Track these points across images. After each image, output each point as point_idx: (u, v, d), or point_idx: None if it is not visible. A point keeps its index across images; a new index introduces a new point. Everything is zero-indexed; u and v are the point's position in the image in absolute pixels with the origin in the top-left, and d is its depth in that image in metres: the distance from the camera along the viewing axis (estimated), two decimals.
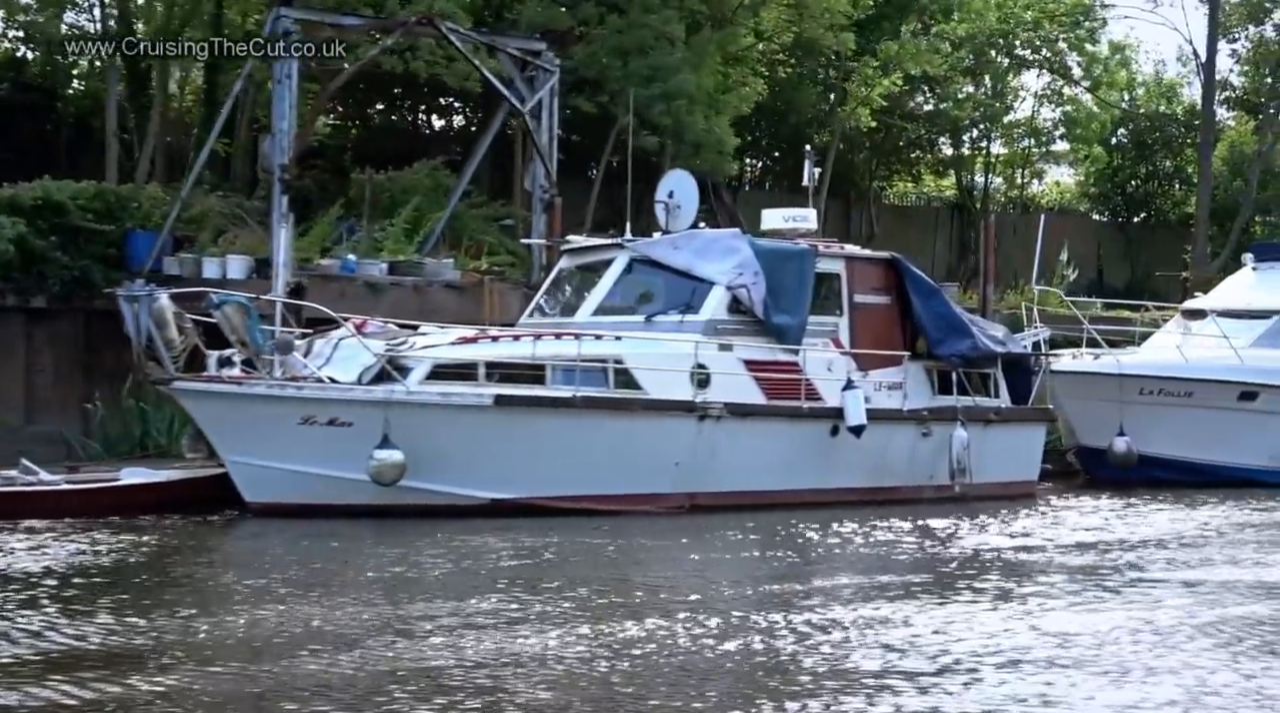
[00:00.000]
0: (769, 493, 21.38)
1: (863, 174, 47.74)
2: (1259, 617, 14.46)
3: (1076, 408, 27.20)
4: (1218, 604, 15.14)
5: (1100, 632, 13.33)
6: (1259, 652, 12.86)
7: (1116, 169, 52.47)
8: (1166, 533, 21.15)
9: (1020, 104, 51.74)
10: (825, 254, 22.64)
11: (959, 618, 13.86)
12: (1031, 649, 12.57)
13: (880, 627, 13.32)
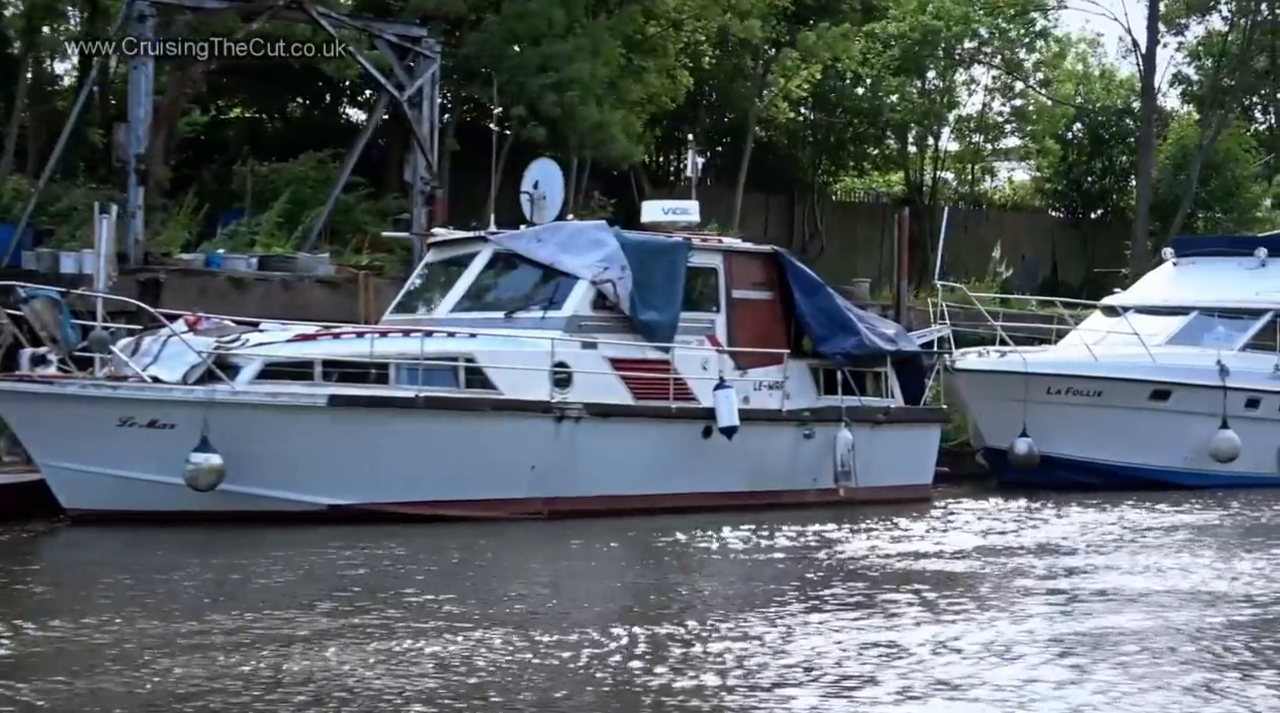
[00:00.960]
0: (636, 497, 20.38)
1: (806, 170, 46.89)
2: (1117, 629, 13.62)
3: (982, 408, 26.24)
4: (1081, 616, 14.30)
5: (937, 643, 12.61)
6: (1089, 665, 12.01)
7: (1072, 165, 51.53)
8: (1056, 539, 20.25)
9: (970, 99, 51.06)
10: (701, 248, 21.63)
11: (800, 630, 13.09)
12: (846, 664, 11.78)
13: (720, 641, 12.52)
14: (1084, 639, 13.05)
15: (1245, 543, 20.39)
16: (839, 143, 47.38)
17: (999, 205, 53.84)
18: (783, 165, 46.54)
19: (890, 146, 48.95)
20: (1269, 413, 27.66)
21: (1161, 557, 18.88)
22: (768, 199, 46.79)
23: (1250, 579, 16.96)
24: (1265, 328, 28.28)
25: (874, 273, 44.05)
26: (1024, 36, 47.41)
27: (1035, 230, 52.67)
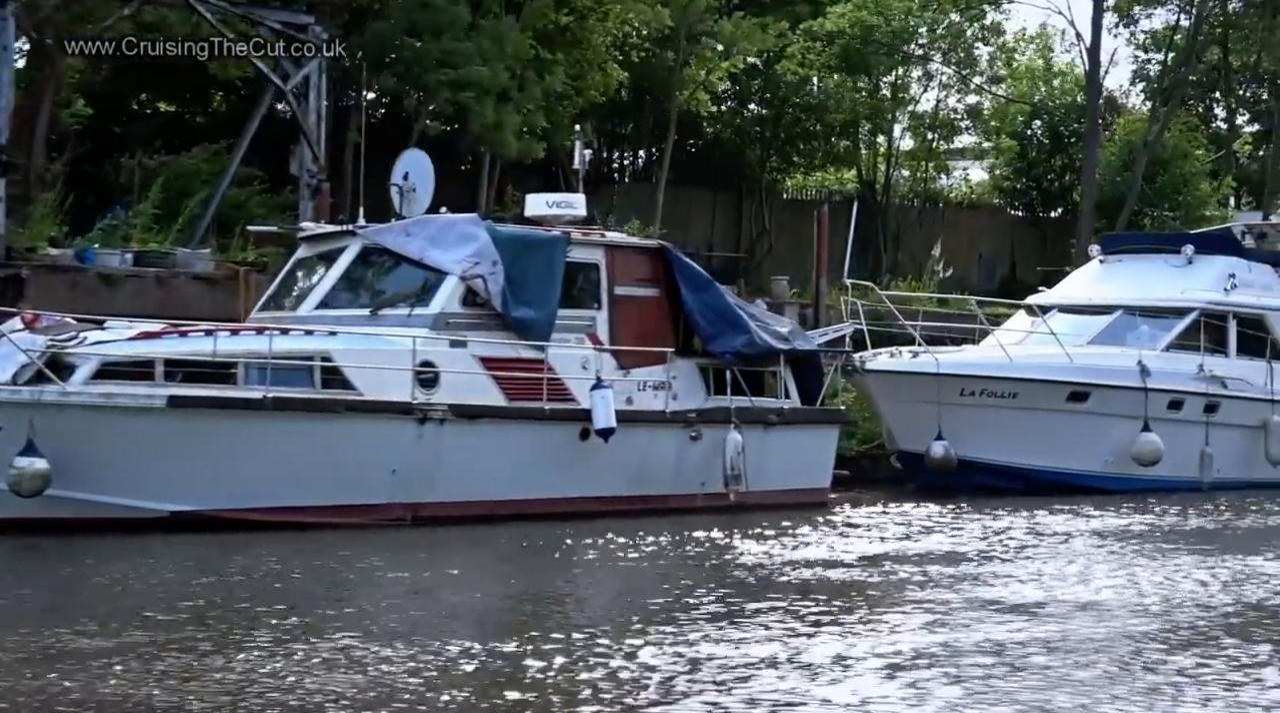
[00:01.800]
0: (509, 503, 19.52)
1: (754, 167, 46.09)
2: (990, 642, 12.80)
3: (894, 410, 25.41)
4: (957, 628, 13.53)
5: (782, 657, 11.91)
6: (932, 681, 11.26)
7: (1032, 163, 50.70)
8: (955, 545, 19.44)
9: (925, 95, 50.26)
10: (581, 242, 20.76)
11: (660, 641, 12.37)
12: (673, 681, 11.04)
13: (584, 654, 11.86)
14: (945, 653, 12.29)
15: (1155, 550, 19.57)
16: (788, 139, 46.62)
17: (955, 203, 53.03)
18: (730, 163, 45.82)
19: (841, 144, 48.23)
20: (1192, 415, 26.84)
21: (1064, 564, 18.05)
22: (715, 197, 46.08)
23: (1150, 588, 16.18)
24: (1190, 328, 27.47)
25: (825, 270, 43.28)
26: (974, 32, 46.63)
27: (993, 229, 51.90)
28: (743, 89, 43.62)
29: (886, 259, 41.92)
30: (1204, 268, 28.48)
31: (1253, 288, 28.68)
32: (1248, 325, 28.23)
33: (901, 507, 23.15)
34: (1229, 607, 15.08)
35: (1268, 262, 29.59)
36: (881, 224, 46.59)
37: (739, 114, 45.96)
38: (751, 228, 46.46)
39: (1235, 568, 17.89)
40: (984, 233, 51.22)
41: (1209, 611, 14.85)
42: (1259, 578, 17.27)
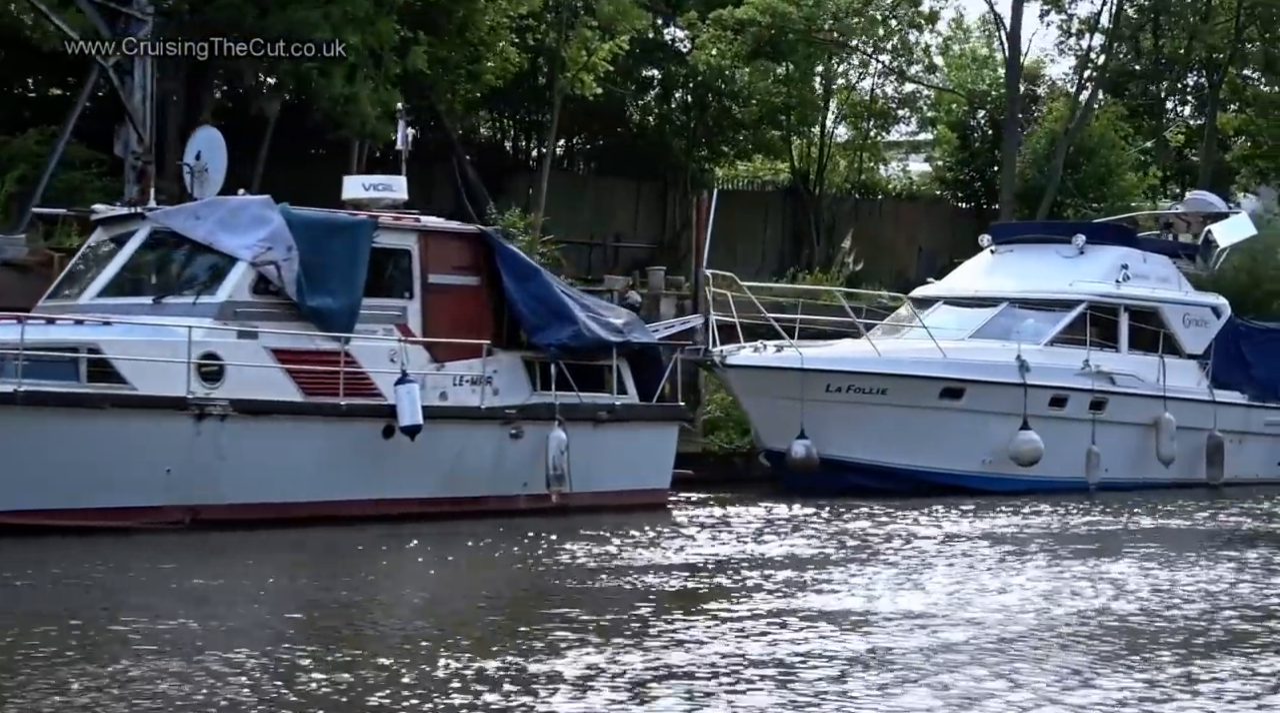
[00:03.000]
0: (303, 505, 18.26)
1: (679, 157, 44.78)
2: (774, 658, 11.67)
3: (757, 407, 24.20)
4: (737, 640, 12.39)
5: (543, 674, 10.83)
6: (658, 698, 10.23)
7: (975, 153, 49.39)
8: (793, 551, 18.23)
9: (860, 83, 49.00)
10: (390, 227, 19.48)
11: (431, 653, 11.44)
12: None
13: (364, 667, 10.94)
14: (710, 668, 11.22)
15: (1009, 555, 18.40)
16: (714, 129, 45.33)
17: (894, 195, 51.77)
18: (655, 153, 44.55)
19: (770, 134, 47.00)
20: (1077, 412, 25.61)
21: (902, 570, 16.90)
22: (639, 188, 44.79)
23: (987, 597, 15.07)
24: (1077, 321, 26.23)
25: (755, 261, 42.22)
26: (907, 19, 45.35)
27: (933, 221, 50.57)
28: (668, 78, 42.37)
29: (819, 252, 40.63)
30: (1095, 259, 27.27)
31: (1148, 280, 27.47)
32: (1141, 319, 27.02)
33: (748, 509, 21.96)
34: (1063, 615, 14.01)
35: (1165, 252, 28.40)
36: (815, 216, 45.34)
37: (665, 103, 44.71)
38: (676, 219, 45.16)
39: (1083, 572, 16.84)
40: (924, 225, 49.90)
41: (1038, 618, 13.84)
42: (1106, 583, 16.19)
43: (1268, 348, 28.75)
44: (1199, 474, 27.12)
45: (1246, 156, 44.61)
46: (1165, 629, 13.46)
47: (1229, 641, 12.96)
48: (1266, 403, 28.49)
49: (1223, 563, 18.00)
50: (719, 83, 41.76)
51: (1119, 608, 14.40)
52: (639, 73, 42.27)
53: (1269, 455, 28.57)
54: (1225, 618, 14.05)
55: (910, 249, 48.75)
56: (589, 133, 45.63)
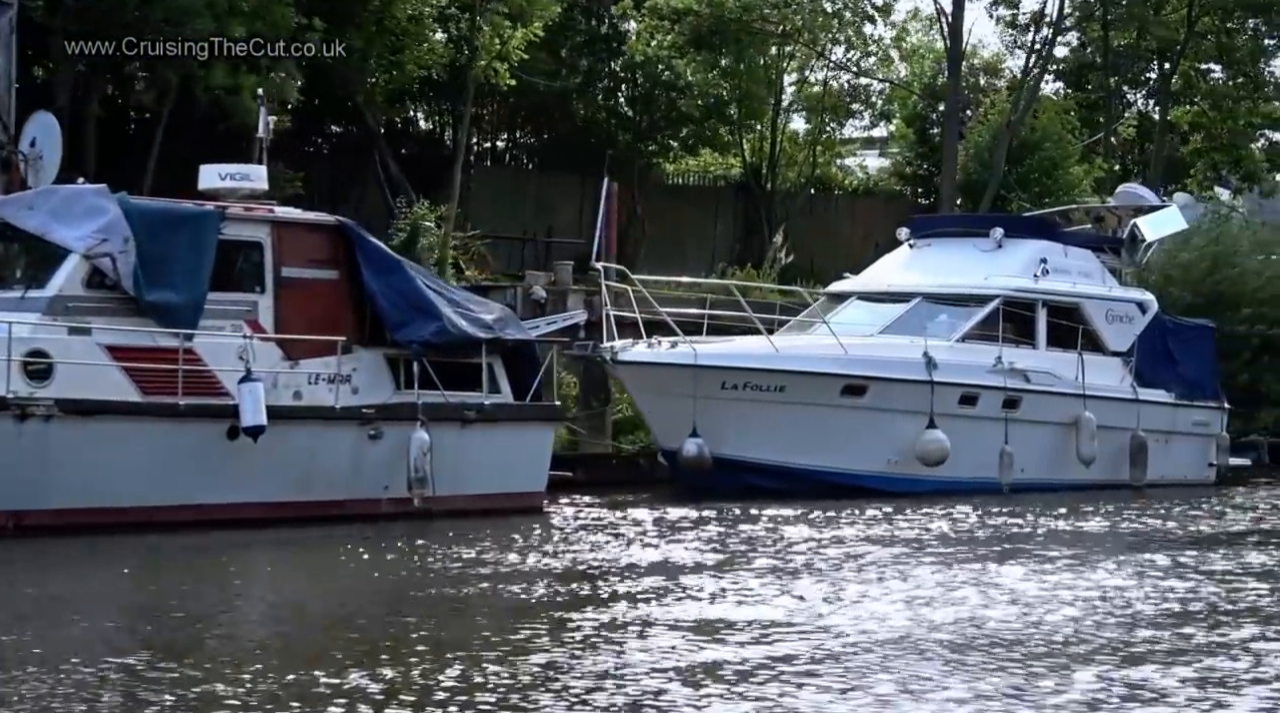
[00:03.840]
0: (137, 510, 17.39)
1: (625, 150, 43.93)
2: (593, 670, 11.01)
3: (651, 405, 23.38)
4: (587, 651, 11.69)
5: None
6: None
7: (934, 148, 48.46)
8: (663, 556, 17.43)
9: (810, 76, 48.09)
10: (239, 218, 18.58)
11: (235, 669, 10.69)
12: None
13: None
14: (553, 681, 10.55)
15: (902, 559, 17.61)
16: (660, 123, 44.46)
17: (851, 191, 50.91)
18: (600, 148, 43.67)
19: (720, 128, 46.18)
20: (989, 410, 24.75)
21: (776, 578, 15.98)
22: (583, 182, 43.89)
23: (864, 603, 14.36)
24: (991, 316, 25.35)
25: (706, 257, 41.40)
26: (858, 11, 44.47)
27: (891, 216, 49.27)
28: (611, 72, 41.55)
29: (771, 248, 39.75)
30: (1014, 253, 26.40)
31: (1069, 274, 26.61)
32: (1060, 315, 26.15)
33: (631, 512, 21.13)
34: (928, 623, 13.28)
35: (1089, 246, 27.52)
36: (767, 212, 44.50)
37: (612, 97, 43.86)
38: (622, 215, 44.27)
39: (967, 578, 16.06)
40: (881, 221, 48.81)
41: (899, 627, 13.08)
42: (987, 588, 15.42)
43: (1196, 345, 27.90)
44: (1122, 475, 26.28)
45: (1200, 150, 43.68)
46: (1029, 638, 12.73)
47: (1089, 651, 12.20)
48: (1194, 402, 27.61)
49: (1123, 567, 17.27)
50: (661, 74, 40.96)
51: (991, 615, 13.75)
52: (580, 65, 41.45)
53: (1197, 456, 27.72)
54: (1098, 627, 13.31)
55: (867, 245, 47.64)
56: (532, 128, 44.86)
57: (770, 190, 45.84)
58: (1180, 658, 11.99)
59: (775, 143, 47.13)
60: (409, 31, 32.05)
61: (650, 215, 43.16)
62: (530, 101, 42.86)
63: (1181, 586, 15.82)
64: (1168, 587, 15.75)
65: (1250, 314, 32.88)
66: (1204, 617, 14.04)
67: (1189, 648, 12.45)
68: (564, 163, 43.22)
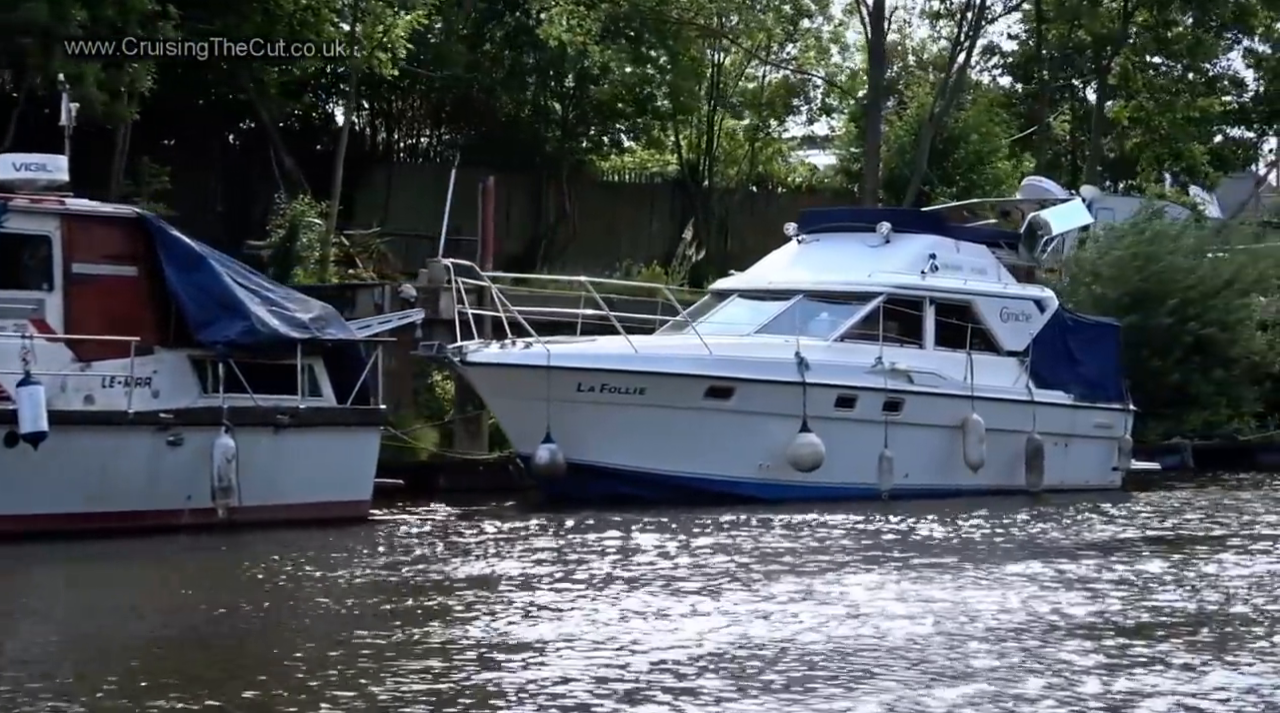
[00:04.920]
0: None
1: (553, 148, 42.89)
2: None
3: (504, 408, 22.25)
4: (378, 674, 10.93)
5: None
6: None
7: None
8: (492, 570, 16.46)
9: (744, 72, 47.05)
10: (23, 210, 17.48)
11: None
12: None
13: None
14: None
15: (742, 573, 16.51)
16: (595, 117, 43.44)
17: (795, 187, 49.83)
18: (528, 144, 42.64)
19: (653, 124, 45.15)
20: (868, 413, 23.59)
21: (597, 594, 15.02)
22: (510, 181, 42.85)
23: (676, 620, 13.42)
24: (874, 314, 24.18)
25: (641, 255, 40.37)
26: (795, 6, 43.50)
27: None
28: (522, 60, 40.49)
29: (709, 245, 38.71)
30: (901, 248, 25.21)
31: (960, 271, 25.42)
32: (950, 313, 24.95)
33: (474, 522, 20.13)
34: (740, 643, 12.40)
35: (983, 241, 26.35)
36: (704, 209, 43.44)
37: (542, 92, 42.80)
38: (550, 212, 43.25)
39: (803, 592, 15.08)
40: None
41: (706, 646, 12.15)
42: (818, 605, 14.45)
43: (1099, 345, 26.70)
44: (1018, 480, 25.11)
45: (1141, 145, 42.49)
46: (847, 655, 11.89)
47: (909, 669, 11.41)
48: (1096, 403, 26.42)
49: (982, 578, 16.28)
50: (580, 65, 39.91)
51: (818, 631, 12.86)
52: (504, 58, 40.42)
53: (1099, 460, 26.52)
54: (912, 644, 12.42)
55: None
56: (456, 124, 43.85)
57: (708, 187, 44.85)
58: (994, 676, 11.16)
59: (713, 139, 46.16)
60: (306, 22, 31.04)
61: (583, 213, 42.17)
62: (455, 97, 41.95)
63: (1025, 595, 14.98)
64: (1017, 598, 14.86)
65: (1176, 307, 31.80)
66: (1049, 631, 13.14)
67: (1011, 666, 11.60)
68: (491, 160, 42.23)
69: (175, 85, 29.36)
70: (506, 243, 41.44)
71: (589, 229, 41.96)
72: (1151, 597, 15.13)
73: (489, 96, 41.08)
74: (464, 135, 44.14)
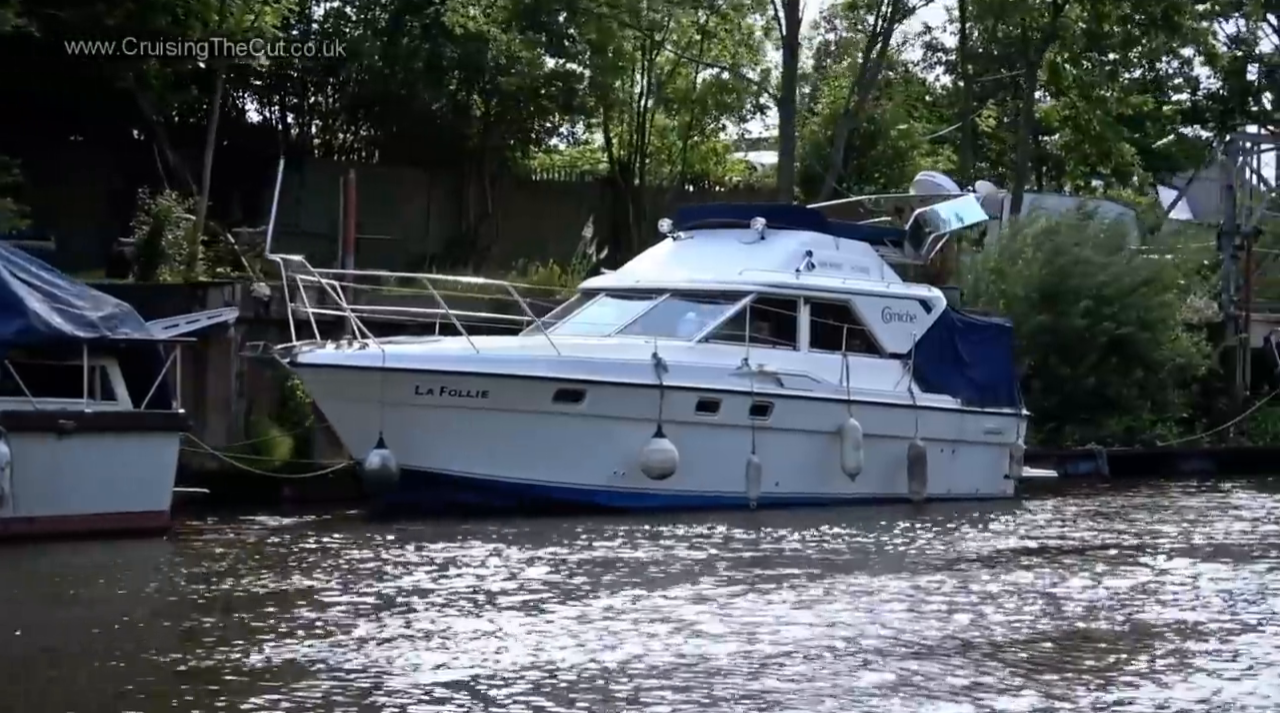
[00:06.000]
0: None
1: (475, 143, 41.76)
2: None
3: (340, 412, 21.09)
4: None
5: None
6: None
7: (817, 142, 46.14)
8: (280, 587, 15.37)
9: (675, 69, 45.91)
10: None
11: None
12: None
13: None
14: None
15: (556, 589, 15.45)
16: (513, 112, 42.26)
17: (734, 186, 48.69)
18: (449, 141, 41.48)
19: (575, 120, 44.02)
20: (733, 417, 22.43)
21: (372, 611, 13.96)
22: (432, 177, 41.75)
23: (460, 641, 12.53)
24: (739, 315, 22.99)
25: (569, 254, 39.23)
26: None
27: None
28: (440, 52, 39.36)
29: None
30: (777, 245, 24.07)
31: (839, 269, 24.27)
32: (826, 313, 23.78)
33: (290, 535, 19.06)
34: (471, 667, 11.59)
35: (865, 238, 25.19)
36: (634, 207, 42.30)
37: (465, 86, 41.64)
38: (472, 211, 42.11)
39: (602, 610, 14.18)
40: None
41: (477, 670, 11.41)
42: (618, 618, 13.72)
43: (990, 347, 25.52)
44: (900, 489, 23.95)
45: (1070, 144, 41.33)
46: (626, 677, 11.26)
47: None
48: (986, 408, 25.23)
49: (824, 595, 15.32)
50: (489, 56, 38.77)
51: (610, 652, 12.10)
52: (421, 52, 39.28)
53: (990, 467, 25.33)
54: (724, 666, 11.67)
55: None
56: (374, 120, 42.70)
57: (639, 186, 43.71)
58: None
59: (643, 137, 45.04)
60: (192, 10, 29.86)
61: (509, 212, 41.03)
62: (375, 92, 40.81)
63: (860, 610, 14.28)
64: (855, 614, 14.11)
65: (1091, 306, 30.71)
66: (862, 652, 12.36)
67: None
68: (411, 157, 41.15)
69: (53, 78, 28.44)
70: (427, 243, 40.43)
71: (514, 228, 40.74)
72: (1007, 613, 14.35)
73: (408, 92, 39.94)
74: (383, 132, 43.03)
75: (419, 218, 41.11)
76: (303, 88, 40.25)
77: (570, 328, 23.08)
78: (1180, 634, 13.51)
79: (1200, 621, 14.18)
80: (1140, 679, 11.55)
